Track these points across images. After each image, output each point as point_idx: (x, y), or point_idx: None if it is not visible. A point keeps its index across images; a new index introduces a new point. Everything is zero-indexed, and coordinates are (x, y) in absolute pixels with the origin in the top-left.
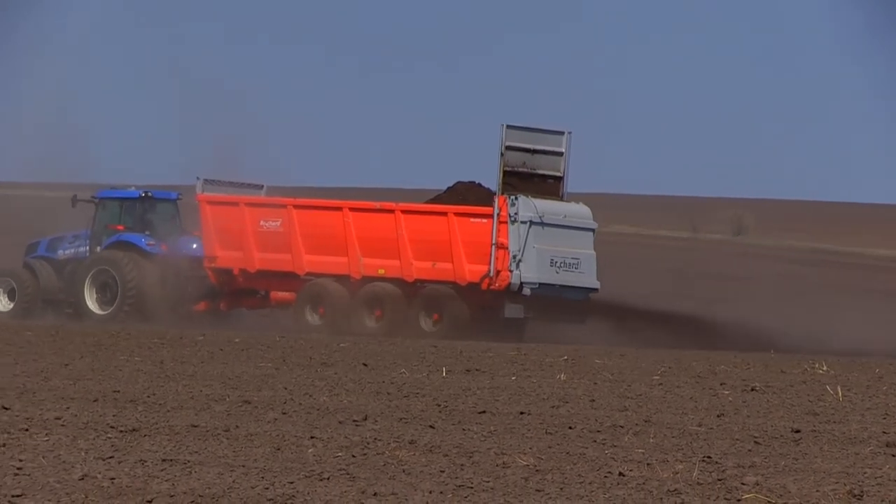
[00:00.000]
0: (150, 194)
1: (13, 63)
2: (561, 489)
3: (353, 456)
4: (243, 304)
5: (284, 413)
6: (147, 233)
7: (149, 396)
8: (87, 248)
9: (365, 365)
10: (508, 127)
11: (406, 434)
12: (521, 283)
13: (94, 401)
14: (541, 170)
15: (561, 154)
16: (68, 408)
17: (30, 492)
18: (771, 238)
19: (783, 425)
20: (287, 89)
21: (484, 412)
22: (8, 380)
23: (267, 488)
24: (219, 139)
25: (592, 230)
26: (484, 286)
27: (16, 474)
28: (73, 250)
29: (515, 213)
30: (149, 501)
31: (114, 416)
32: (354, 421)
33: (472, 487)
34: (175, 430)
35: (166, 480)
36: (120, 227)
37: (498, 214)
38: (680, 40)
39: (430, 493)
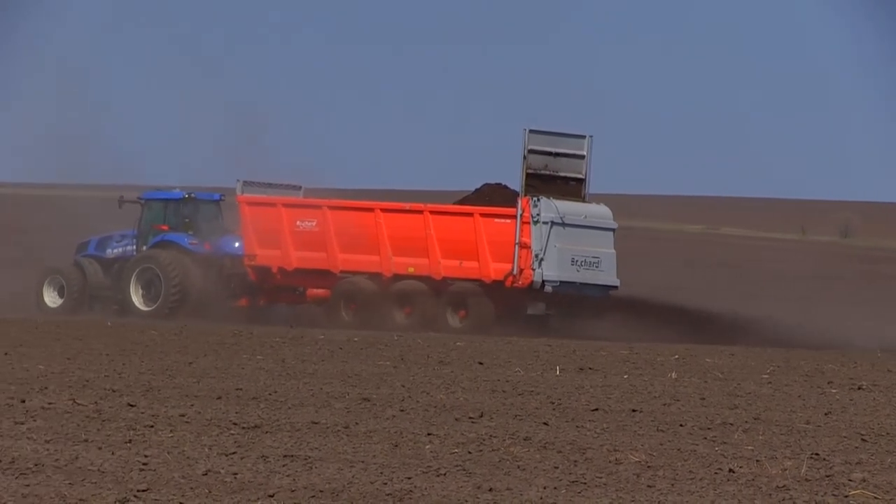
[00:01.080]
0: (193, 195)
1: (42, 67)
2: (672, 485)
3: (470, 452)
4: (282, 300)
5: (402, 410)
6: (190, 232)
7: (270, 394)
8: (134, 246)
9: (481, 363)
10: (531, 131)
11: (521, 431)
12: (543, 281)
13: (218, 398)
14: (563, 172)
15: (583, 157)
16: (192, 405)
17: (155, 487)
18: (878, 240)
19: (890, 423)
20: (323, 95)
21: (597, 409)
22: (134, 377)
23: (385, 483)
24: (256, 142)
25: (612, 230)
26: (508, 284)
27: (141, 469)
28: (120, 249)
29: (537, 214)
30: (270, 496)
31: (236, 413)
32: (470, 418)
33: (585, 483)
34: (296, 427)
35: (287, 476)
36: (164, 227)
37: (521, 215)
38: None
39: (545, 488)
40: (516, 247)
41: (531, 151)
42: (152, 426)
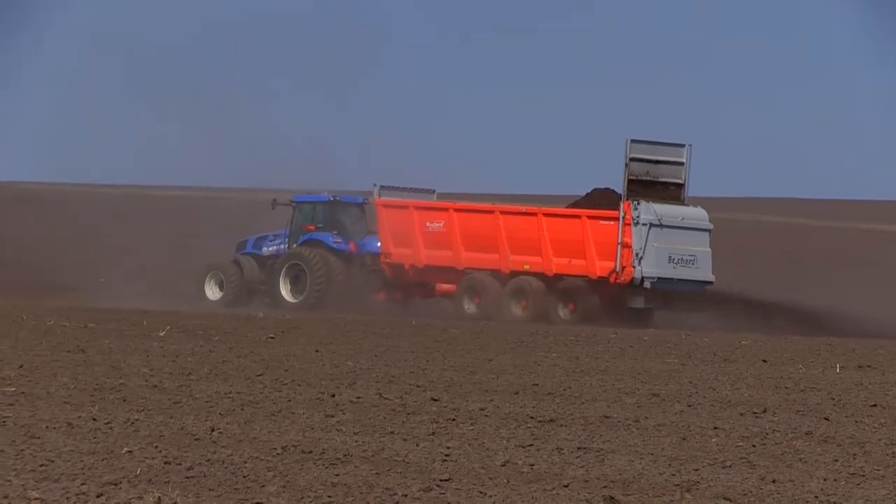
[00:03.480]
0: (338, 198)
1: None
2: None
3: (753, 446)
4: (415, 295)
5: (690, 405)
6: (335, 232)
7: (565, 389)
8: (286, 245)
9: (764, 361)
10: (632, 141)
11: (802, 425)
12: (643, 278)
13: (515, 393)
14: (663, 178)
15: (682, 164)
16: (491, 400)
17: (456, 476)
18: None
19: None
20: (454, 104)
21: (875, 405)
22: (437, 374)
23: (673, 475)
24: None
25: (708, 230)
26: (611, 280)
27: (444, 460)
28: (274, 247)
29: (637, 216)
30: (565, 486)
31: (533, 407)
32: (754, 413)
33: (863, 475)
34: (589, 421)
35: (581, 467)
36: (311, 227)
37: (623, 217)
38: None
39: (825, 480)
40: (619, 246)
41: (633, 160)
42: (454, 419)
